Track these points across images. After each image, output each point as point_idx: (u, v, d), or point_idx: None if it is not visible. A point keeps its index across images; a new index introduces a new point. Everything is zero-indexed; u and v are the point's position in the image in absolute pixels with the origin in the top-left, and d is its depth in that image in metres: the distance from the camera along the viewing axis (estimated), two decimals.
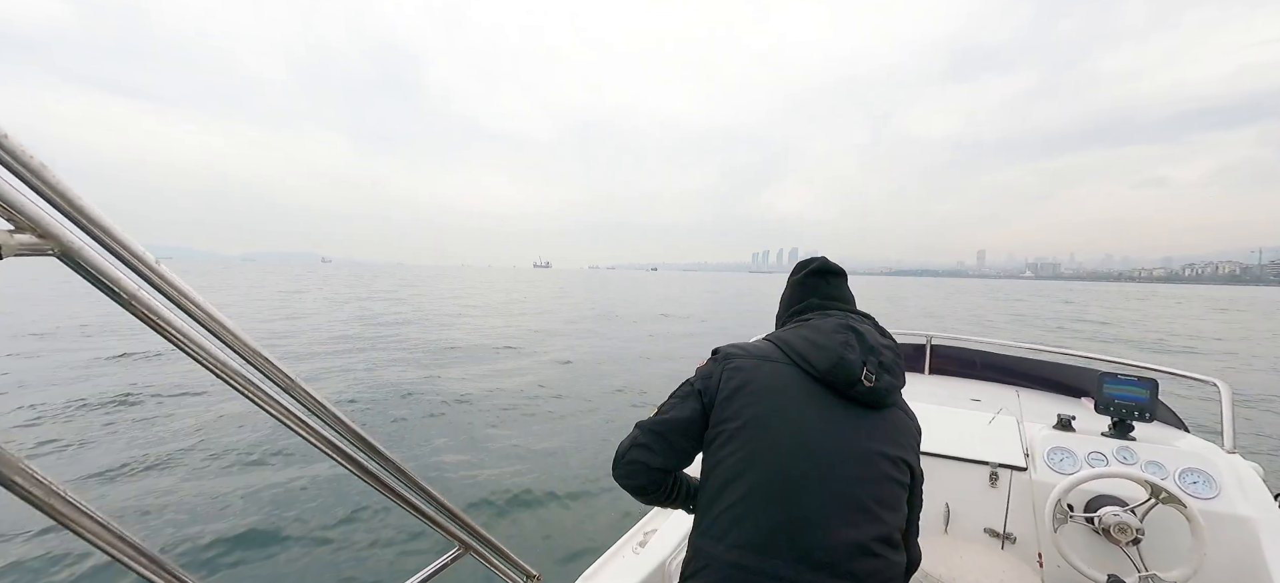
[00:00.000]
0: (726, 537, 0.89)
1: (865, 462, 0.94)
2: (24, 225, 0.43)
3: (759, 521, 0.88)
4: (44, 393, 6.98)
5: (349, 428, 0.84)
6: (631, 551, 1.85)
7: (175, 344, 0.60)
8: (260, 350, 0.69)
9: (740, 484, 0.92)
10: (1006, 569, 1.71)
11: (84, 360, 7.80)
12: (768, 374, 1.01)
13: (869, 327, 1.08)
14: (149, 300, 0.55)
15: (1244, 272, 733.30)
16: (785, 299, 1.27)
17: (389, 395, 7.70)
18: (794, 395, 0.98)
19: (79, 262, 0.47)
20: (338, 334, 13.97)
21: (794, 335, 1.07)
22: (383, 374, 9.06)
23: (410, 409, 7.08)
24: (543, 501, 4.66)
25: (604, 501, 4.65)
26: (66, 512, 0.51)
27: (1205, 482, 1.91)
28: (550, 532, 4.19)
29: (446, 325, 17.02)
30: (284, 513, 4.12)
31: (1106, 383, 2.24)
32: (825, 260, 1.25)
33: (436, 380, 8.80)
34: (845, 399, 0.99)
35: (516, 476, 5.07)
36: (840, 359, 0.98)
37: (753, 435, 0.95)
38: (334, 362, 10.09)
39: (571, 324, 18.89)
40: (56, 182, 0.44)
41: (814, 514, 0.88)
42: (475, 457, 5.52)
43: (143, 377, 7.36)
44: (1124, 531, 1.73)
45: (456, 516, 1.09)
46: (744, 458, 0.94)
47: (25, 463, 0.48)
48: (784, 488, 0.89)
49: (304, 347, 12.02)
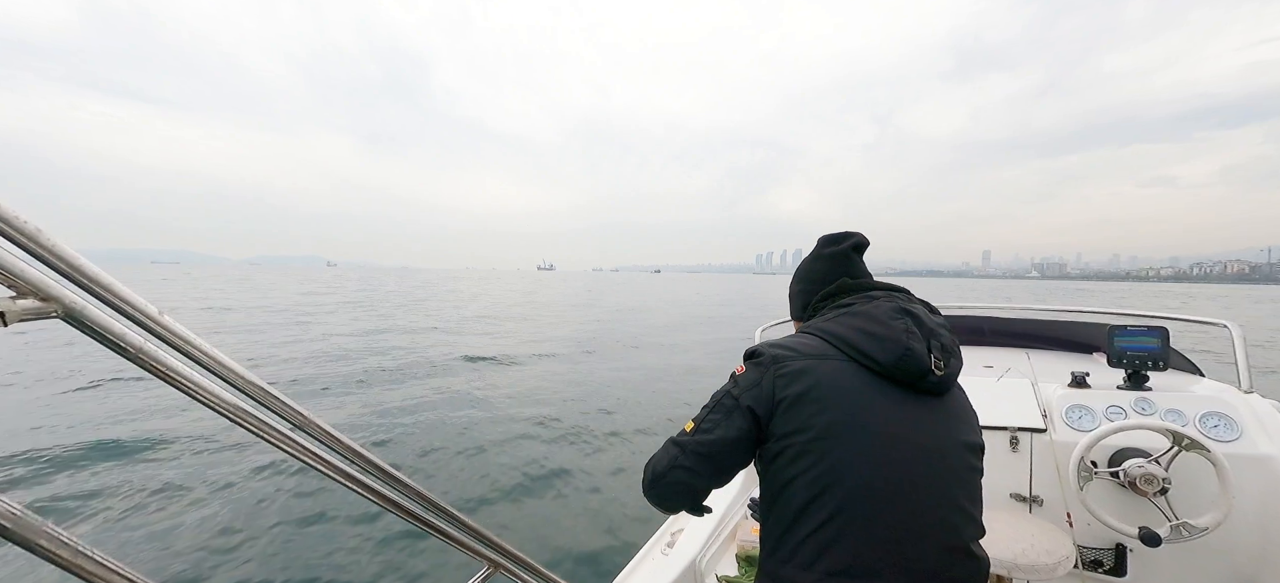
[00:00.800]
0: (816, 564, 0.80)
1: (950, 457, 0.88)
2: (25, 291, 0.41)
3: (854, 542, 0.79)
4: (52, 442, 7.00)
5: (366, 458, 0.84)
6: (660, 552, 1.87)
7: (186, 392, 0.59)
8: (270, 390, 0.69)
9: (825, 503, 0.82)
10: (1037, 533, 1.70)
11: (91, 412, 7.82)
12: (830, 374, 0.89)
13: (921, 307, 0.97)
14: (156, 352, 0.54)
15: (1253, 270, 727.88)
16: (812, 276, 1.11)
17: (411, 418, 7.68)
18: (866, 396, 0.87)
19: (83, 321, 0.46)
20: (355, 354, 13.95)
21: (842, 326, 0.94)
22: (405, 395, 9.01)
23: (435, 431, 7.05)
24: (568, 510, 4.67)
25: (628, 503, 4.67)
26: (95, 571, 0.51)
27: (1226, 424, 1.89)
28: (578, 541, 4.20)
29: (474, 335, 16.93)
30: (307, 549, 4.11)
31: (1117, 336, 2.22)
32: (862, 236, 1.11)
33: (457, 397, 8.77)
34: (914, 392, 0.90)
35: (540, 487, 5.08)
36: (907, 350, 0.88)
37: (829, 447, 0.84)
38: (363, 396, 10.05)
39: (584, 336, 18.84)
40: (53, 245, 0.42)
41: (913, 526, 0.81)
42: (497, 474, 5.52)
43: (153, 426, 7.35)
44: (1150, 482, 1.70)
45: (482, 535, 1.08)
46: (823, 473, 0.83)
47: (49, 526, 0.47)
48: (877, 503, 0.81)
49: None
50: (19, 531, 0.44)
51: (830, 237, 1.12)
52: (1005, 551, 1.62)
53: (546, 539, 4.23)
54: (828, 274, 1.09)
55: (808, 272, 1.13)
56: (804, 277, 1.13)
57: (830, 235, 1.12)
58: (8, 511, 0.44)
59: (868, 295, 1.00)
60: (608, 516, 4.56)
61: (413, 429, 6.93)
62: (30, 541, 0.45)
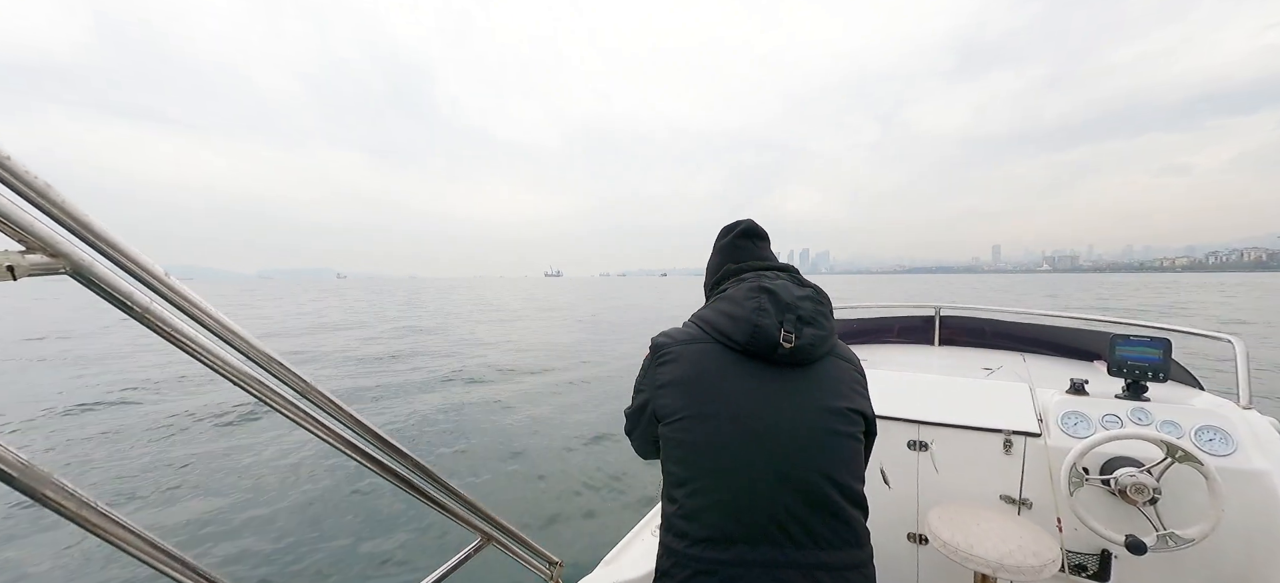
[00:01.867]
0: (687, 533, 0.88)
1: (810, 423, 0.91)
2: (35, 246, 0.43)
3: (715, 513, 0.87)
4: (62, 402, 7.13)
5: (366, 427, 0.86)
6: (650, 533, 1.89)
7: (191, 354, 0.61)
8: (274, 355, 0.71)
9: (691, 480, 0.91)
10: (1025, 535, 1.71)
11: (93, 373, 7.93)
12: (693, 358, 0.98)
13: (783, 282, 1.02)
14: (161, 312, 0.56)
15: (1270, 258, 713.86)
16: (710, 265, 1.21)
17: (425, 400, 7.76)
18: (722, 375, 0.95)
19: (91, 278, 0.48)
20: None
21: (711, 311, 1.04)
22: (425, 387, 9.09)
23: (444, 411, 7.12)
24: (562, 490, 4.73)
25: (622, 486, 4.72)
26: (98, 522, 0.53)
27: (1221, 438, 1.90)
28: (570, 520, 4.25)
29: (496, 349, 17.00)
30: (306, 513, 4.19)
31: (1119, 345, 2.22)
32: (752, 223, 1.19)
33: (469, 387, 8.85)
34: (774, 365, 0.95)
35: (535, 466, 5.15)
36: (755, 327, 0.94)
37: (690, 426, 0.93)
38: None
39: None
40: (63, 201, 0.44)
41: (766, 492, 0.87)
42: (496, 451, 5.60)
43: (156, 387, 7.46)
44: (1141, 491, 1.72)
45: (477, 508, 1.12)
46: (688, 452, 0.92)
47: (57, 476, 0.49)
48: (728, 474, 0.88)
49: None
50: (26, 480, 0.46)
51: (724, 228, 1.21)
52: (991, 551, 1.64)
53: (541, 516, 4.28)
54: (716, 263, 1.18)
55: (710, 264, 1.22)
56: (709, 268, 1.22)
57: (725, 226, 1.22)
58: (16, 460, 0.46)
59: (739, 279, 1.07)
60: (602, 497, 4.62)
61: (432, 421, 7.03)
62: (37, 490, 0.47)
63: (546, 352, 13.01)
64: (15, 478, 0.46)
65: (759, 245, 1.17)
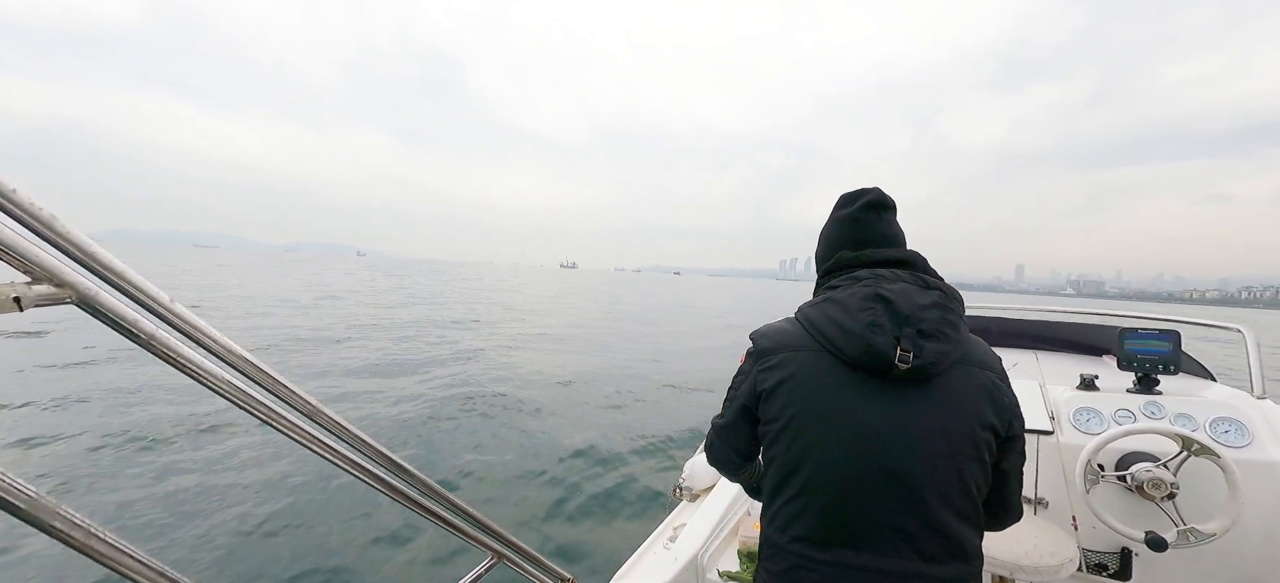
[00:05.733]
0: (788, 529, 0.92)
1: (923, 443, 0.86)
2: (41, 276, 0.43)
3: (814, 517, 0.90)
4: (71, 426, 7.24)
5: (373, 448, 0.86)
6: (662, 546, 1.88)
7: (196, 379, 0.61)
8: (280, 378, 0.70)
9: (794, 482, 0.92)
10: (1041, 535, 1.68)
11: (104, 399, 8.05)
12: (802, 366, 0.94)
13: (901, 286, 0.92)
14: (167, 339, 0.55)
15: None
16: (828, 239, 1.09)
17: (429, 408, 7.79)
18: (832, 387, 0.91)
19: (96, 307, 0.48)
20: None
21: (820, 314, 0.96)
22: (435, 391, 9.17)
23: (455, 423, 7.13)
24: (574, 505, 4.71)
25: (633, 500, 4.70)
26: (106, 552, 0.52)
27: (1237, 430, 1.87)
28: (581, 535, 4.22)
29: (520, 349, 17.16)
30: (314, 537, 4.18)
31: (1127, 339, 2.19)
32: (879, 192, 1.04)
33: (482, 391, 8.87)
34: (888, 380, 0.89)
35: (546, 481, 5.13)
36: (867, 345, 0.87)
37: (796, 435, 0.93)
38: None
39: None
40: (68, 231, 0.44)
41: (874, 503, 0.86)
42: (506, 467, 5.59)
43: (163, 414, 7.50)
44: (1158, 486, 1.69)
45: (487, 526, 1.11)
46: (793, 458, 0.93)
47: (63, 507, 0.49)
48: (838, 486, 0.88)
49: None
50: (34, 512, 0.46)
51: (846, 196, 1.09)
52: (1007, 552, 1.60)
53: (552, 532, 4.25)
54: (837, 239, 1.07)
55: (824, 234, 1.12)
56: (822, 239, 1.13)
57: (847, 194, 1.09)
58: (22, 492, 0.45)
59: (853, 275, 0.98)
60: (612, 510, 4.59)
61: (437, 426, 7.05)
62: (45, 522, 0.47)
63: (562, 351, 13.01)
64: (24, 511, 0.46)
65: (885, 220, 1.05)
